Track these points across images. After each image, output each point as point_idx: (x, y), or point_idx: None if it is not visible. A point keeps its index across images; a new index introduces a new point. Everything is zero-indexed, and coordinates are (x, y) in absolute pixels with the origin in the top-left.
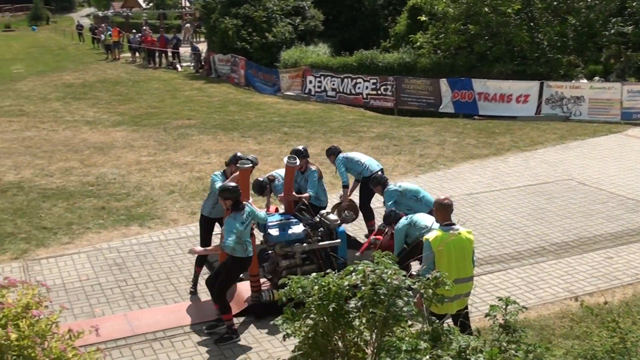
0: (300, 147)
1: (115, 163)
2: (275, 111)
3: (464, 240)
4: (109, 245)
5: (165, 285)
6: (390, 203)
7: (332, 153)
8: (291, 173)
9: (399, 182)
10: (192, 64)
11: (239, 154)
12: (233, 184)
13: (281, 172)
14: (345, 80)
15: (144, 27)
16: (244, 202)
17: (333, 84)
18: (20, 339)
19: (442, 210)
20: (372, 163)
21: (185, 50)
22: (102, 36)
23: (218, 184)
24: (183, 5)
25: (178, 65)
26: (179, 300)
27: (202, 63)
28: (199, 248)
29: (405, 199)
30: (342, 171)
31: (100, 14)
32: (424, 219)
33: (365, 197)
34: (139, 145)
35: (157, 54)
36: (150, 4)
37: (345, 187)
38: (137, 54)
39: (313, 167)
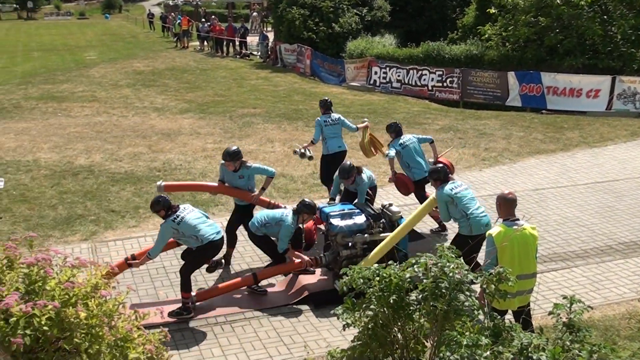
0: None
1: (182, 149)
2: (340, 101)
3: (528, 236)
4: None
5: (226, 271)
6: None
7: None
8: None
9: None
10: (259, 53)
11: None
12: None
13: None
14: (411, 71)
15: (213, 17)
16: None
17: (398, 75)
18: (89, 318)
19: (506, 205)
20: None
21: (252, 40)
22: (172, 25)
23: None
24: None
25: (245, 55)
26: None
27: (269, 52)
28: None
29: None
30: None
31: (170, 2)
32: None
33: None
34: (205, 133)
35: (224, 43)
36: None
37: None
38: (205, 43)
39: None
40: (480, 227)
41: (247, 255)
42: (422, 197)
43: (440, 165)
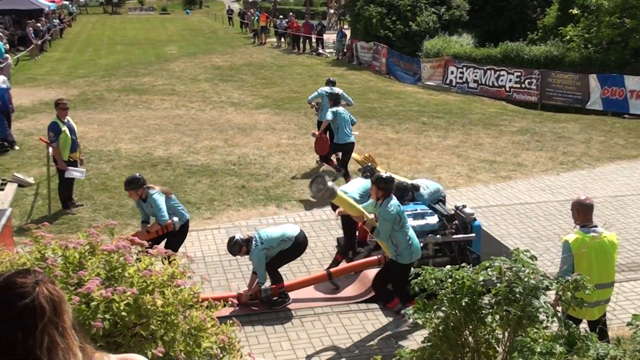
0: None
1: (257, 144)
2: (415, 100)
3: (607, 244)
4: (247, 223)
5: (298, 266)
6: None
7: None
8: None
9: None
10: (334, 51)
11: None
12: None
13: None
14: (488, 72)
15: (290, 13)
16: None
17: (475, 76)
18: (165, 306)
19: (583, 211)
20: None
21: (329, 37)
22: (250, 21)
23: None
24: None
25: (322, 52)
26: None
27: (345, 50)
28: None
29: None
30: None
31: None
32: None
33: None
34: (280, 128)
35: (301, 40)
36: None
37: None
38: (282, 39)
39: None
40: (419, 251)
41: (317, 251)
42: (344, 161)
43: (388, 175)
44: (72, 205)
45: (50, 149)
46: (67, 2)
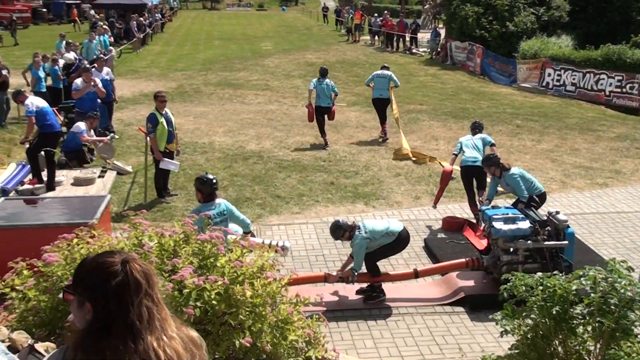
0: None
1: (347, 141)
2: (509, 102)
3: None
4: (334, 219)
5: (384, 265)
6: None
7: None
8: None
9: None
10: (428, 50)
11: None
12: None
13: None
14: (587, 75)
15: (385, 12)
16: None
17: (573, 79)
18: (254, 297)
19: None
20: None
21: (422, 36)
22: (345, 19)
23: None
24: None
25: (415, 51)
26: None
27: (439, 49)
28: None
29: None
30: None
31: None
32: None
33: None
34: (371, 126)
35: (395, 38)
36: None
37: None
38: (376, 37)
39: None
40: None
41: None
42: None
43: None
44: (166, 194)
45: (148, 139)
46: None
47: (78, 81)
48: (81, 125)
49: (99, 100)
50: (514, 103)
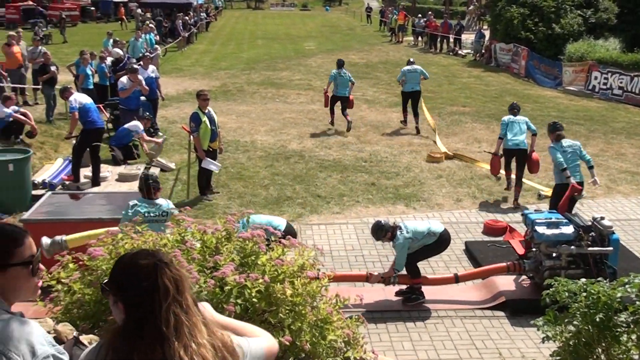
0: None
1: (388, 142)
2: (554, 105)
3: None
4: (375, 219)
5: (424, 268)
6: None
7: None
8: None
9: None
10: (472, 51)
11: None
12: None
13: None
14: (635, 78)
15: (429, 12)
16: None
17: (621, 82)
18: (294, 296)
19: None
20: None
21: (467, 37)
22: (389, 19)
23: None
24: None
25: (459, 52)
26: None
27: (483, 51)
28: None
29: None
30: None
31: None
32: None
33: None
34: (413, 127)
35: (438, 39)
36: None
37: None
38: (419, 38)
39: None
40: None
41: (444, 253)
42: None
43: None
44: (208, 192)
45: (192, 138)
46: None
47: (124, 80)
48: (139, 125)
49: (143, 98)
50: (559, 106)
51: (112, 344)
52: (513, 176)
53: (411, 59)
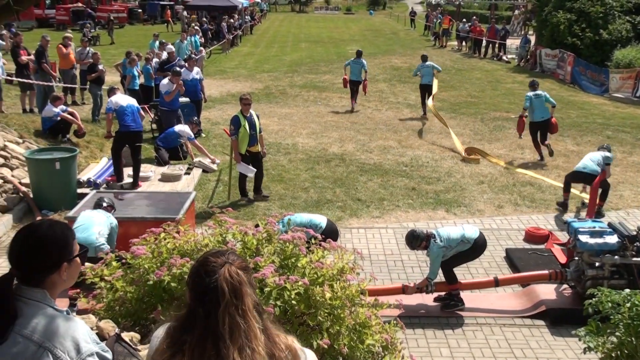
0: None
1: (430, 147)
2: (600, 112)
3: None
4: (415, 225)
5: (463, 274)
6: None
7: None
8: None
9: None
10: (517, 56)
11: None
12: None
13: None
14: None
15: (474, 17)
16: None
17: None
18: (333, 299)
19: None
20: None
21: (512, 42)
22: (433, 23)
23: None
24: None
25: (504, 57)
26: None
27: (529, 56)
28: None
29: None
30: None
31: (433, 1)
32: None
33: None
34: (455, 133)
35: (483, 44)
36: None
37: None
38: (464, 43)
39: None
40: None
41: (484, 260)
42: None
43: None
44: (257, 196)
45: (231, 140)
46: (259, 0)
47: (165, 82)
48: (188, 130)
49: (187, 99)
50: (605, 113)
51: (169, 329)
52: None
53: (424, 54)
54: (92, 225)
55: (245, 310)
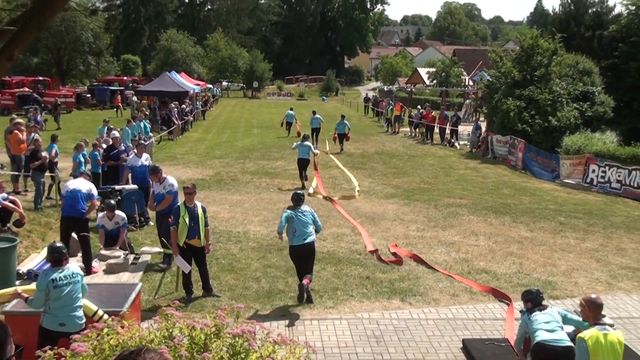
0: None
1: (384, 234)
2: (552, 198)
3: (616, 342)
4: (369, 315)
5: None
6: None
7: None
8: None
9: None
10: (468, 143)
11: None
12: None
13: None
14: (634, 172)
15: (426, 104)
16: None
17: (619, 175)
18: None
19: (594, 309)
20: None
21: (463, 129)
22: (385, 110)
23: None
24: (466, 84)
25: (456, 144)
26: None
27: (480, 143)
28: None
29: None
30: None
31: (385, 88)
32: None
33: None
34: (409, 220)
35: (435, 130)
36: (434, 81)
37: None
38: (416, 129)
39: None
40: None
41: (441, 351)
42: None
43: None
44: (206, 293)
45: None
46: (211, 86)
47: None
48: (100, 218)
49: (135, 187)
50: (557, 199)
51: None
52: None
53: (314, 110)
54: None
55: None
